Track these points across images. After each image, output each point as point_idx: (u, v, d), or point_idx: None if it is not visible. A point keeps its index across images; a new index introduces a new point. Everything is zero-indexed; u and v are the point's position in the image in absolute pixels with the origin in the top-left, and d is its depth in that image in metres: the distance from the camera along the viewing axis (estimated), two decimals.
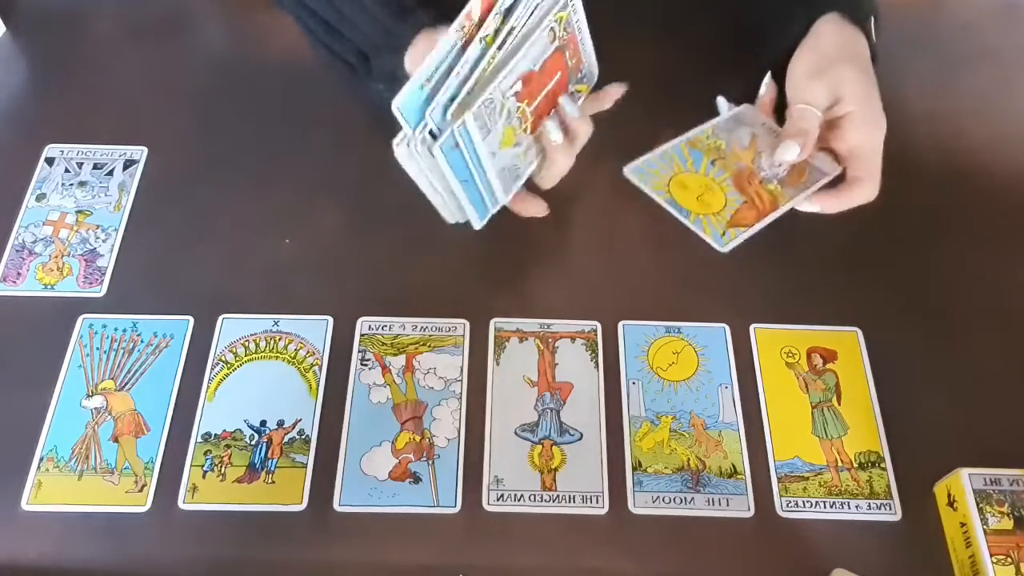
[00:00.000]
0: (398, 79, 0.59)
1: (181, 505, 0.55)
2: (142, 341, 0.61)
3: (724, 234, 0.60)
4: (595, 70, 0.62)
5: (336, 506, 0.55)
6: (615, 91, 0.63)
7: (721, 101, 0.66)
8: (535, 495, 0.56)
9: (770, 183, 0.62)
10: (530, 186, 0.65)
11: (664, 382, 0.60)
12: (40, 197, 0.68)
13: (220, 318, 0.62)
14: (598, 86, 0.64)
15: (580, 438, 0.58)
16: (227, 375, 0.60)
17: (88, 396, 0.59)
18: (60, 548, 0.54)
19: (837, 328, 0.63)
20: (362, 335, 0.62)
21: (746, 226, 0.60)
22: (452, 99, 0.54)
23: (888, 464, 0.58)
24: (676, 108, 0.65)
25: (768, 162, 0.63)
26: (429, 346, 0.61)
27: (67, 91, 0.76)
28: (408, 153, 0.55)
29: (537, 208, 0.64)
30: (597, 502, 0.56)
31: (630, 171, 0.64)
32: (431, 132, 0.55)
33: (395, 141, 0.55)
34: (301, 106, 0.74)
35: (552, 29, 0.58)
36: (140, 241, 0.66)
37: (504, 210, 0.68)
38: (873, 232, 0.68)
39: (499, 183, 0.60)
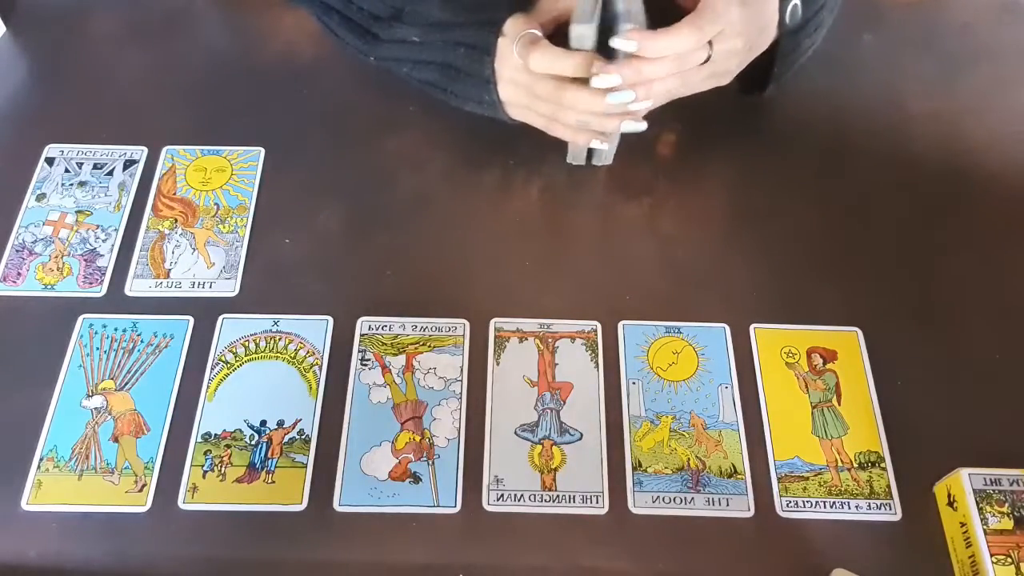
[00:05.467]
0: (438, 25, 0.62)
1: (181, 505, 0.55)
2: (142, 341, 0.61)
3: None
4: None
5: (336, 506, 0.55)
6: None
7: None
8: (535, 495, 0.56)
9: None
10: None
11: (664, 382, 0.60)
12: (40, 197, 0.68)
13: (220, 318, 0.62)
14: None
15: (580, 438, 0.58)
16: (227, 375, 0.60)
17: (88, 396, 0.59)
18: (60, 548, 0.54)
19: (837, 328, 0.63)
20: (362, 335, 0.62)
21: None
22: None
23: (888, 464, 0.58)
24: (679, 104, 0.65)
25: None
26: (429, 346, 0.61)
27: (67, 91, 0.76)
28: None
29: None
30: (597, 502, 0.56)
31: None
32: None
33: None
34: (301, 106, 0.74)
35: None
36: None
37: (505, 210, 0.68)
38: (873, 232, 0.68)
39: None
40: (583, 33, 0.57)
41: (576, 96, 0.59)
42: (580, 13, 0.57)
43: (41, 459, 0.56)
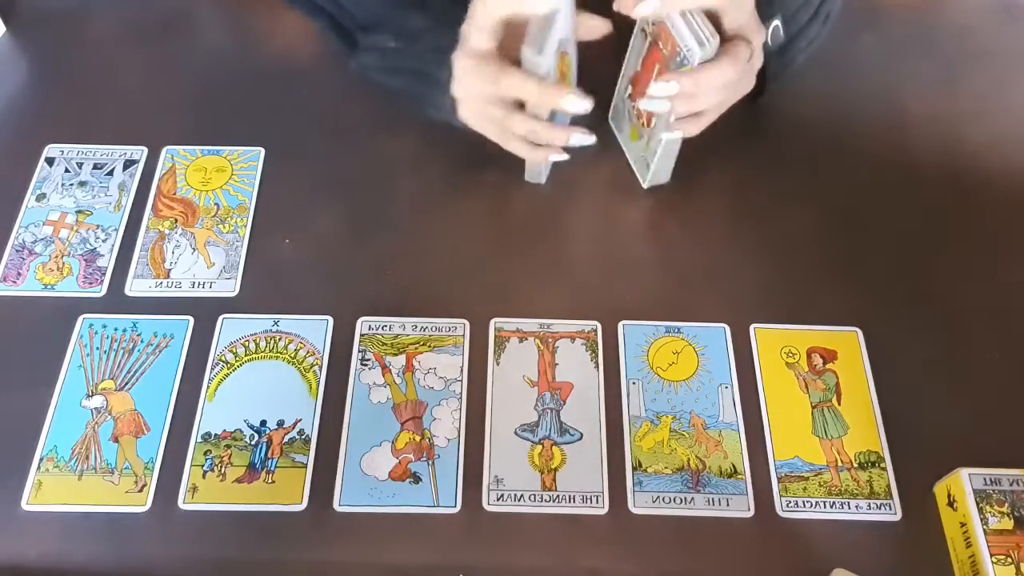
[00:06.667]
0: (417, 36, 0.63)
1: (181, 505, 0.55)
2: (142, 341, 0.61)
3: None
4: (696, 48, 0.57)
5: (336, 506, 0.55)
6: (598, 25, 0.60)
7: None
8: (535, 495, 0.56)
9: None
10: None
11: (664, 382, 0.60)
12: (40, 197, 0.68)
13: (220, 318, 0.62)
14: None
15: (580, 438, 0.58)
16: (227, 375, 0.60)
17: (88, 396, 0.59)
18: (60, 548, 0.54)
19: (837, 328, 0.63)
20: (362, 335, 0.62)
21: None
22: None
23: (888, 464, 0.58)
24: None
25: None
26: (429, 346, 0.61)
27: (67, 91, 0.76)
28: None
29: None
30: (597, 502, 0.56)
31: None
32: None
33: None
34: (301, 106, 0.74)
35: (643, 29, 0.62)
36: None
37: (505, 210, 0.69)
38: (873, 232, 0.68)
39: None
40: (533, 61, 0.56)
41: (517, 84, 0.58)
42: (531, 38, 0.56)
43: (41, 459, 0.56)
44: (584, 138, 0.61)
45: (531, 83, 0.57)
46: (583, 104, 0.57)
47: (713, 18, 0.58)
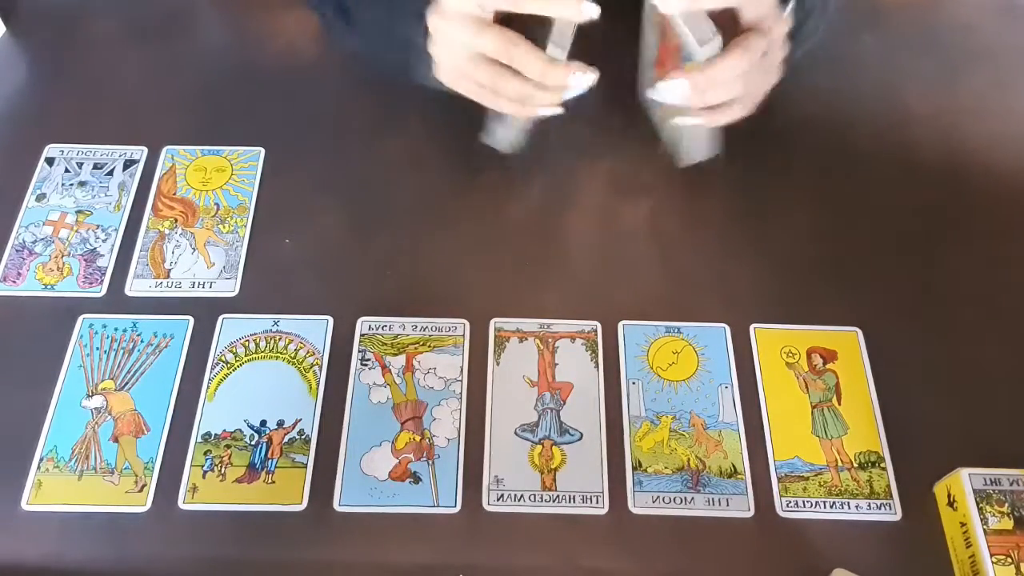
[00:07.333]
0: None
1: (181, 505, 0.55)
2: (142, 341, 0.61)
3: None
4: (697, 47, 0.56)
5: (336, 506, 0.55)
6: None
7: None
8: (535, 495, 0.56)
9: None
10: None
11: (664, 382, 0.60)
12: (40, 197, 0.68)
13: (220, 318, 0.62)
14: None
15: (580, 438, 0.58)
16: (227, 375, 0.60)
17: (88, 396, 0.59)
18: (60, 548, 0.54)
19: (837, 328, 0.63)
20: (362, 335, 0.62)
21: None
22: None
23: (888, 464, 0.58)
24: None
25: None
26: (429, 346, 0.61)
27: (67, 91, 0.76)
28: None
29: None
30: (597, 502, 0.56)
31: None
32: None
33: None
34: (301, 106, 0.74)
35: (650, 17, 0.61)
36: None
37: (505, 210, 0.69)
38: (873, 232, 0.68)
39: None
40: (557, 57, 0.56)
41: (525, 59, 0.56)
42: (558, 37, 0.56)
43: (41, 459, 0.56)
44: (584, 77, 0.56)
45: (539, 62, 0.55)
46: (588, 78, 0.56)
47: (730, 11, 0.57)
